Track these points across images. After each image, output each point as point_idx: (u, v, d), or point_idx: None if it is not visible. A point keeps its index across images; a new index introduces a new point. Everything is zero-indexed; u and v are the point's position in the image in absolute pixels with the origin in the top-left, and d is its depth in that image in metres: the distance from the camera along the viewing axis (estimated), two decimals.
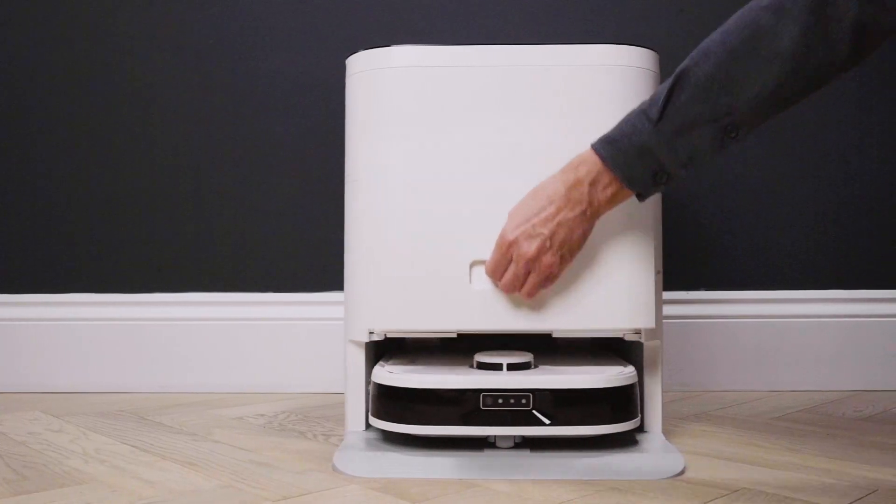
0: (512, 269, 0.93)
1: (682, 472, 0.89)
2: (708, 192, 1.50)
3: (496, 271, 0.95)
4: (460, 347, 1.13)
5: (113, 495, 0.83)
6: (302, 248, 1.49)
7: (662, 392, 1.05)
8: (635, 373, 0.99)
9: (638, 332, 1.00)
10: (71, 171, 1.51)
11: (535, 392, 0.93)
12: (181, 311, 1.48)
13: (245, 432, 1.13)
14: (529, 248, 0.91)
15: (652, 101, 0.87)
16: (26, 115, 1.51)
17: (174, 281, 1.50)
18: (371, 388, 1.00)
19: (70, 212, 1.51)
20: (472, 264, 0.98)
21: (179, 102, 1.50)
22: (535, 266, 0.93)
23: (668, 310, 1.45)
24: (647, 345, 1.04)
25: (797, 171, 1.50)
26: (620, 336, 1.01)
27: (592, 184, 0.89)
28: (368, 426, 1.03)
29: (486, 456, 0.93)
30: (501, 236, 0.94)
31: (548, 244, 0.91)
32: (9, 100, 1.51)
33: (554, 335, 1.01)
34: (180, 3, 1.50)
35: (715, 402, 1.34)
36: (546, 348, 1.14)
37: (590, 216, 0.91)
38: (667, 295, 1.46)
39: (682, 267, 1.49)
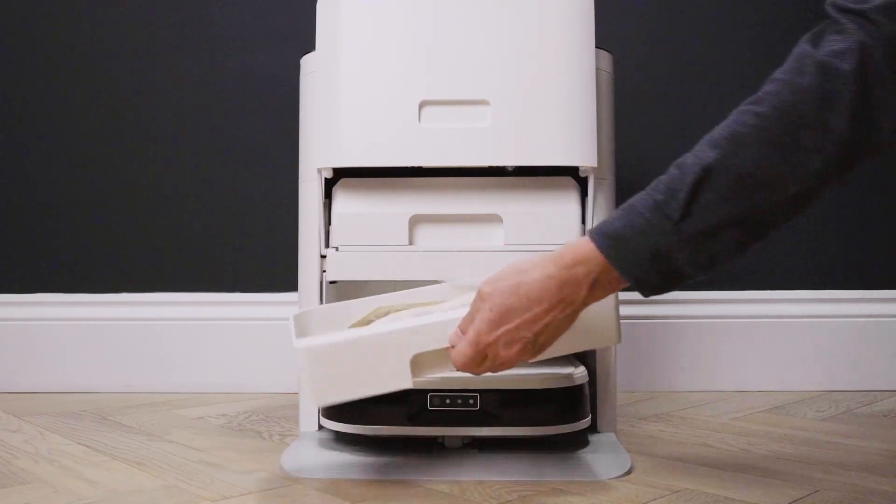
0: (486, 364, 0.80)
1: (627, 473, 0.89)
2: None
3: (467, 366, 0.80)
4: None
5: (54, 495, 0.83)
6: (275, 248, 1.49)
7: (627, 393, 1.05)
8: (586, 373, 0.99)
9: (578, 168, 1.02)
10: (26, 173, 1.50)
11: (483, 392, 0.93)
12: (149, 311, 1.48)
13: (202, 432, 1.13)
14: (509, 352, 0.78)
15: (669, 194, 0.74)
16: None
17: (144, 281, 1.49)
18: None
19: (29, 213, 1.50)
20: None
21: (141, 103, 1.51)
22: (511, 363, 0.81)
23: (636, 310, 1.46)
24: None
25: None
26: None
27: (592, 285, 0.77)
28: (321, 427, 1.03)
29: (433, 456, 0.93)
30: (476, 336, 0.78)
31: (529, 347, 0.78)
32: None
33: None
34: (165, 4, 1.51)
35: (679, 403, 1.33)
36: None
37: (578, 311, 0.79)
38: (635, 295, 1.47)
39: None
